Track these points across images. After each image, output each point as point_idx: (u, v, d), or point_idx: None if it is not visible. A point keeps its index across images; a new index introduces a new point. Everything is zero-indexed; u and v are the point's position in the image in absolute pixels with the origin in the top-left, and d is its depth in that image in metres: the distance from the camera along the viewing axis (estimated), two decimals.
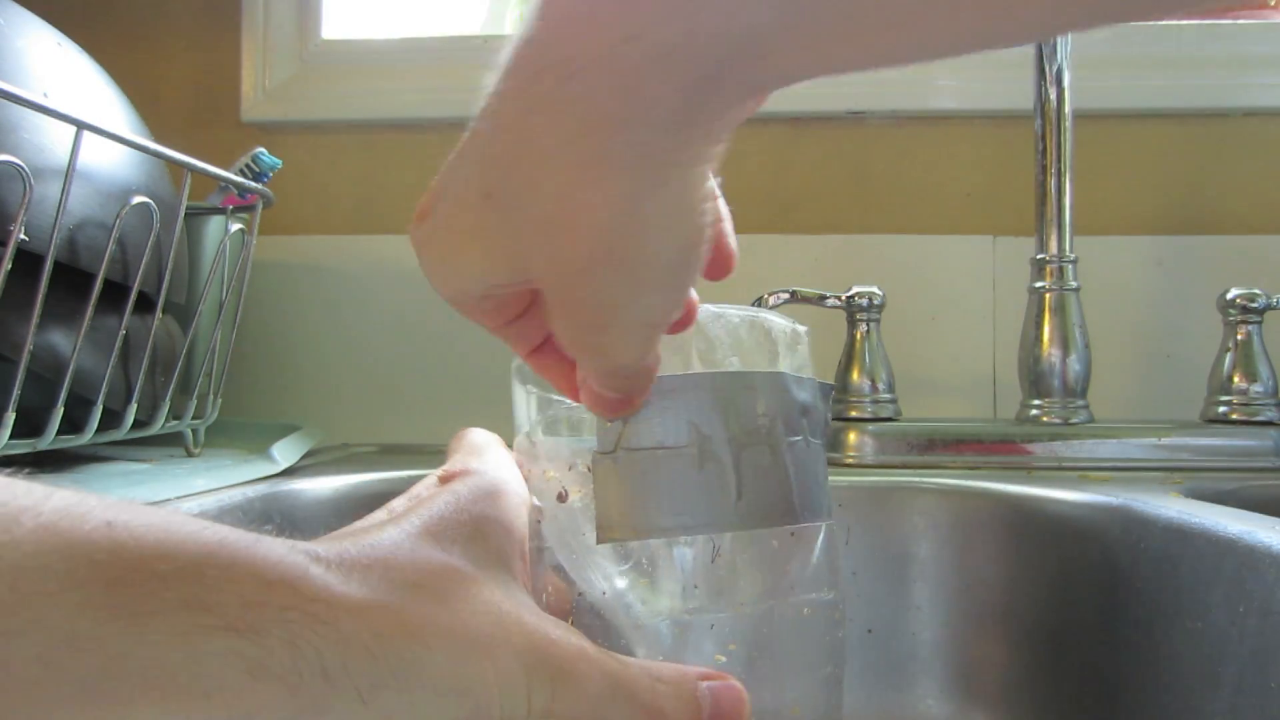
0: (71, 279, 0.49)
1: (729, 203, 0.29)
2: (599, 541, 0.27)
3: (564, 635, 0.22)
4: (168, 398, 0.59)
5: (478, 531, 0.24)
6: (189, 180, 0.55)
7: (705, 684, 0.24)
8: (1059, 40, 0.61)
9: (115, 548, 0.17)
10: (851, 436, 0.65)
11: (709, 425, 0.27)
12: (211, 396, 0.64)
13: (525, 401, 0.30)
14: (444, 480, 0.26)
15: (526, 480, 0.29)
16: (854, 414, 0.66)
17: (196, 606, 0.18)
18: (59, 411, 0.48)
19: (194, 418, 0.63)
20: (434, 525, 0.23)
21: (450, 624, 0.20)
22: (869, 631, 0.54)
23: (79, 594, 0.17)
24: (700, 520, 0.27)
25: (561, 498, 0.28)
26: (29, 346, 0.45)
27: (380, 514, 0.25)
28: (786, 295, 0.66)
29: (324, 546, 0.21)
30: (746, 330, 0.30)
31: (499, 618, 0.21)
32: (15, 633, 0.16)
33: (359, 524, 0.24)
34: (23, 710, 0.16)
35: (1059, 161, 0.63)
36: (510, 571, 0.24)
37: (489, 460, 0.27)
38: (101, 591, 0.17)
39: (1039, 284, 0.65)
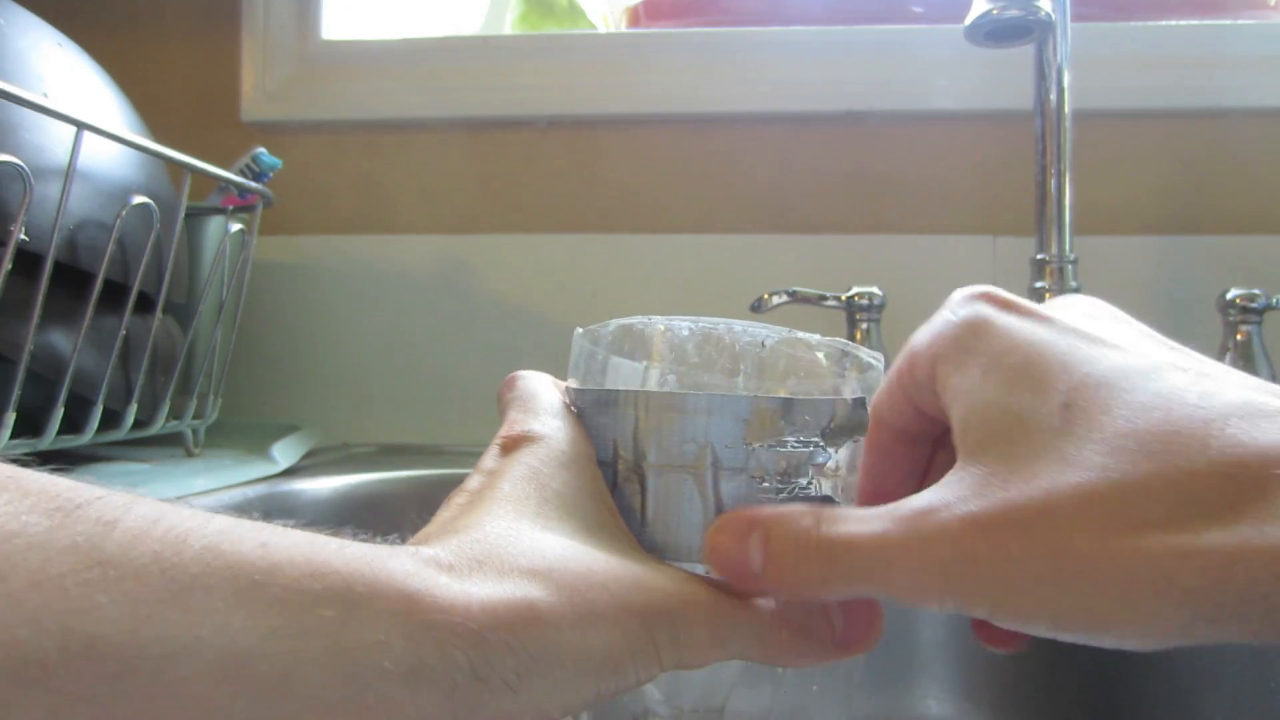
0: (71, 279, 0.49)
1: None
2: None
3: (673, 584, 0.23)
4: (168, 398, 0.59)
5: (567, 504, 0.24)
6: (189, 180, 0.55)
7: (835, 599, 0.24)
8: (1059, 40, 0.62)
9: (272, 568, 0.18)
10: None
11: (625, 445, 0.26)
12: (211, 396, 0.64)
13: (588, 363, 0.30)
14: (507, 448, 0.26)
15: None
16: None
17: (351, 623, 0.18)
18: (59, 411, 0.48)
19: (194, 418, 0.63)
20: (528, 510, 0.24)
21: (576, 604, 0.21)
22: None
23: (244, 612, 0.17)
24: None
25: None
26: (29, 346, 0.45)
27: (461, 497, 0.25)
28: (786, 295, 0.66)
29: (441, 549, 0.21)
30: (822, 357, 0.28)
31: (613, 586, 0.22)
32: (188, 651, 0.17)
33: (450, 512, 0.24)
34: (199, 716, 0.17)
35: (1059, 161, 0.63)
36: (608, 533, 0.24)
37: (545, 419, 0.27)
38: (264, 610, 0.18)
39: (1039, 284, 0.65)
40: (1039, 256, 0.65)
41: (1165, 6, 0.82)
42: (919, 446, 0.28)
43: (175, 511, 0.18)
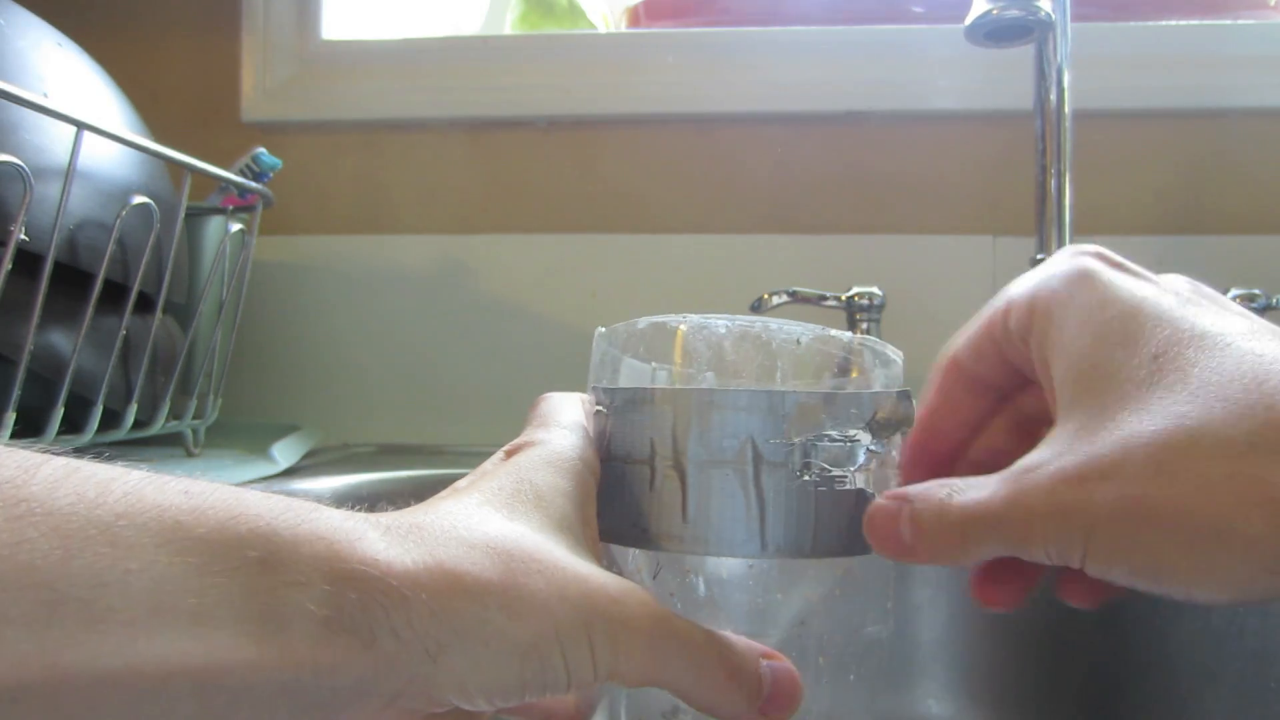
0: (71, 279, 0.49)
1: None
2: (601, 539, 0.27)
3: (626, 593, 0.22)
4: (168, 398, 0.59)
5: (539, 498, 0.24)
6: (189, 180, 0.55)
7: (766, 663, 0.24)
8: (1059, 40, 0.62)
9: (196, 510, 0.19)
10: None
11: (664, 443, 0.26)
12: (211, 396, 0.64)
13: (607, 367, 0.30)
14: (509, 454, 0.26)
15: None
16: None
17: (274, 564, 0.19)
18: (59, 411, 0.48)
19: (194, 418, 0.63)
20: (494, 495, 0.24)
21: (506, 584, 0.21)
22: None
23: (170, 549, 0.18)
24: (653, 536, 0.27)
25: None
26: (29, 346, 0.45)
27: (444, 491, 0.25)
28: (786, 295, 0.66)
29: (383, 516, 0.21)
30: (817, 348, 0.28)
31: (558, 577, 0.21)
32: (118, 584, 0.17)
33: (423, 503, 0.24)
34: (129, 645, 0.17)
35: (1059, 161, 0.63)
36: (573, 534, 0.24)
37: (554, 430, 0.27)
38: (189, 549, 0.18)
39: None
40: (1039, 256, 0.65)
41: (1165, 6, 0.82)
42: (985, 398, 0.29)
43: (94, 464, 0.19)
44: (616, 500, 0.27)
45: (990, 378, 0.28)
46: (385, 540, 0.20)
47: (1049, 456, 0.22)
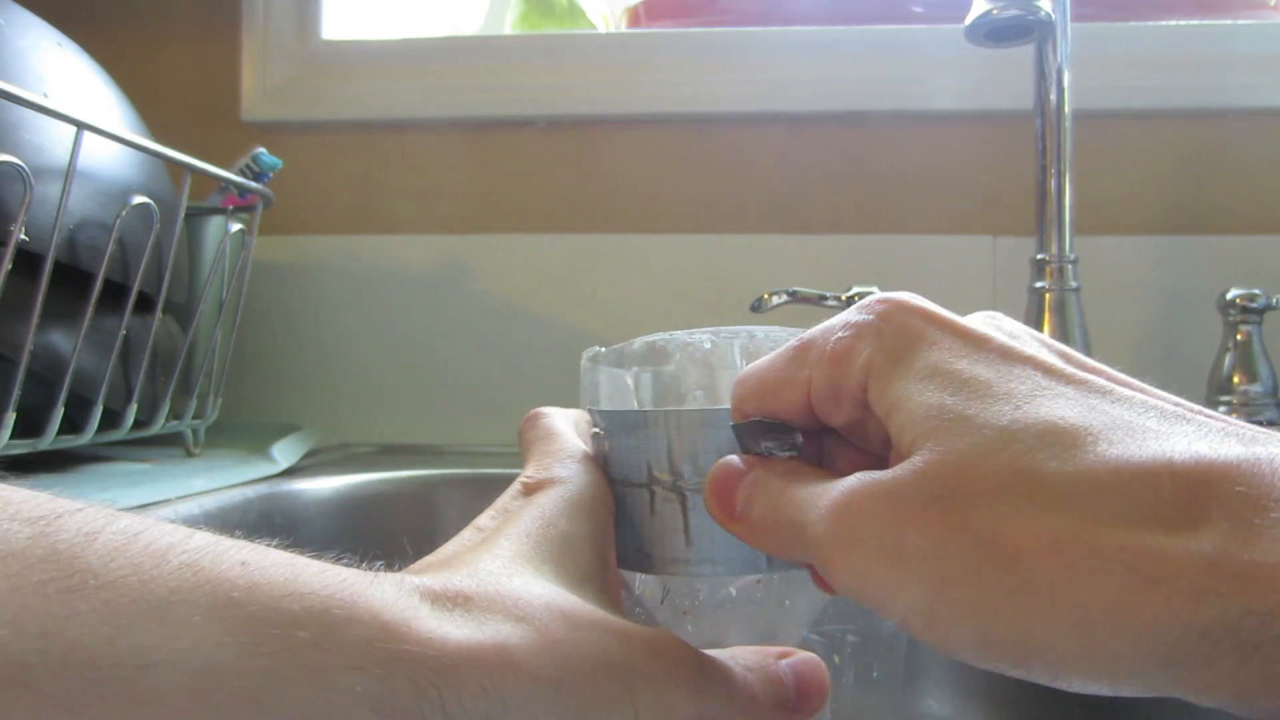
0: (71, 279, 0.49)
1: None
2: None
3: (658, 642, 0.23)
4: (168, 398, 0.59)
5: (567, 549, 0.24)
6: (189, 180, 0.55)
7: (784, 662, 0.25)
8: (1059, 40, 0.62)
9: (251, 586, 0.18)
10: None
11: (660, 466, 0.26)
12: (211, 396, 0.64)
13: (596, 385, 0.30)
14: (529, 490, 0.27)
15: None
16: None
17: (327, 646, 0.18)
18: (59, 411, 0.48)
19: (194, 418, 0.63)
20: (526, 548, 0.24)
21: (553, 654, 0.21)
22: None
23: (221, 628, 0.17)
24: (656, 561, 0.27)
25: None
26: (29, 346, 0.45)
27: (469, 533, 0.25)
28: (786, 295, 0.66)
29: (432, 579, 0.21)
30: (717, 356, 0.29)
31: (598, 639, 0.22)
32: (164, 663, 0.17)
33: (454, 546, 0.25)
34: None
35: (1059, 161, 0.63)
36: (601, 585, 0.25)
37: (569, 464, 0.27)
38: (240, 627, 0.18)
39: (1039, 284, 0.65)
40: (1039, 256, 0.65)
41: (1165, 6, 0.82)
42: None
43: (156, 526, 0.19)
44: (619, 525, 0.27)
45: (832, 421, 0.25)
46: (437, 618, 0.20)
47: (894, 479, 0.20)
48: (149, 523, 0.18)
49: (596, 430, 0.28)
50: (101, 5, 0.89)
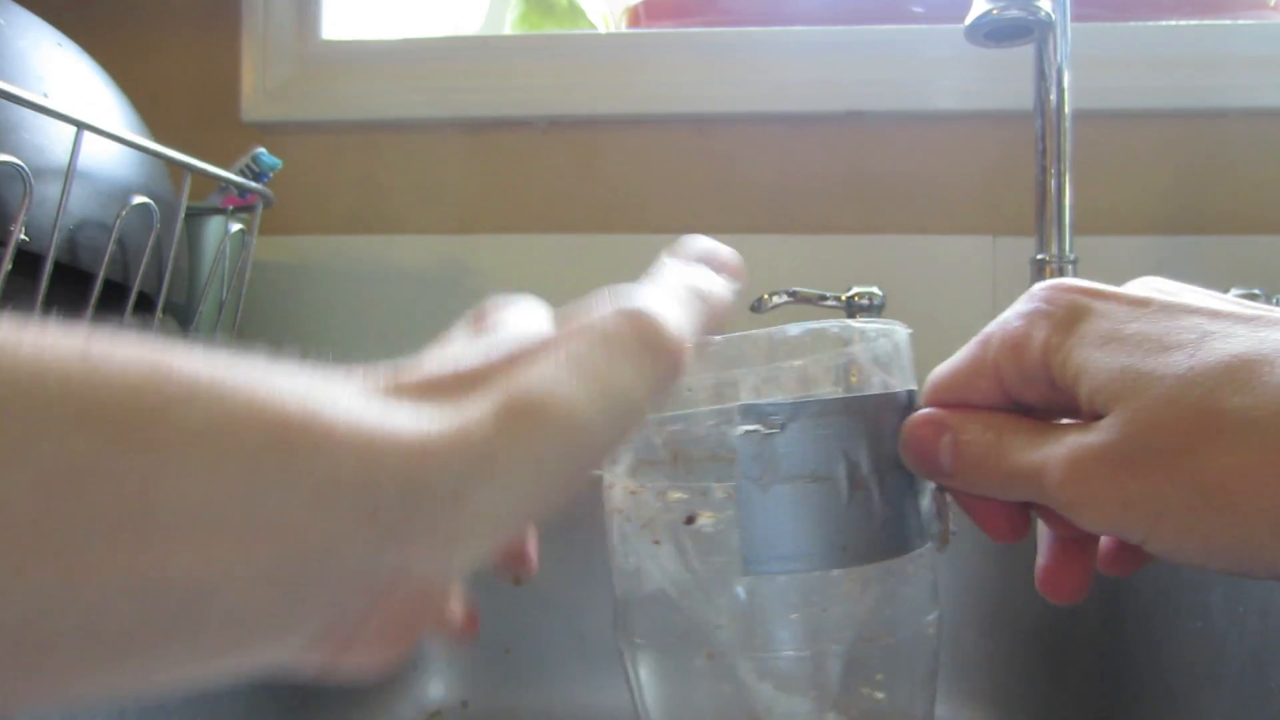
0: (71, 279, 0.49)
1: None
2: (745, 574, 0.26)
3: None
4: None
5: (500, 325, 0.23)
6: (189, 180, 0.55)
7: None
8: (1059, 40, 0.61)
9: (116, 373, 0.14)
10: None
11: (857, 451, 0.26)
12: None
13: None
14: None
15: (631, 495, 0.27)
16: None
17: (227, 430, 0.15)
18: None
19: None
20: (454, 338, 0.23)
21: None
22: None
23: (79, 425, 0.14)
24: (854, 554, 0.26)
25: (690, 520, 0.27)
26: None
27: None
28: (786, 295, 0.66)
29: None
30: (892, 346, 0.29)
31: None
32: (8, 465, 0.13)
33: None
34: (33, 555, 0.13)
35: (1059, 161, 0.63)
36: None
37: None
38: (112, 421, 0.14)
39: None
40: (1039, 256, 0.65)
41: (1165, 6, 0.82)
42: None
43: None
44: (794, 523, 0.26)
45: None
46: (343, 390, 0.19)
47: (1107, 440, 0.23)
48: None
49: (754, 428, 0.26)
50: (101, 5, 0.89)
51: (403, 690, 0.59)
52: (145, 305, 0.56)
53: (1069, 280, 0.26)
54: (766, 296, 0.67)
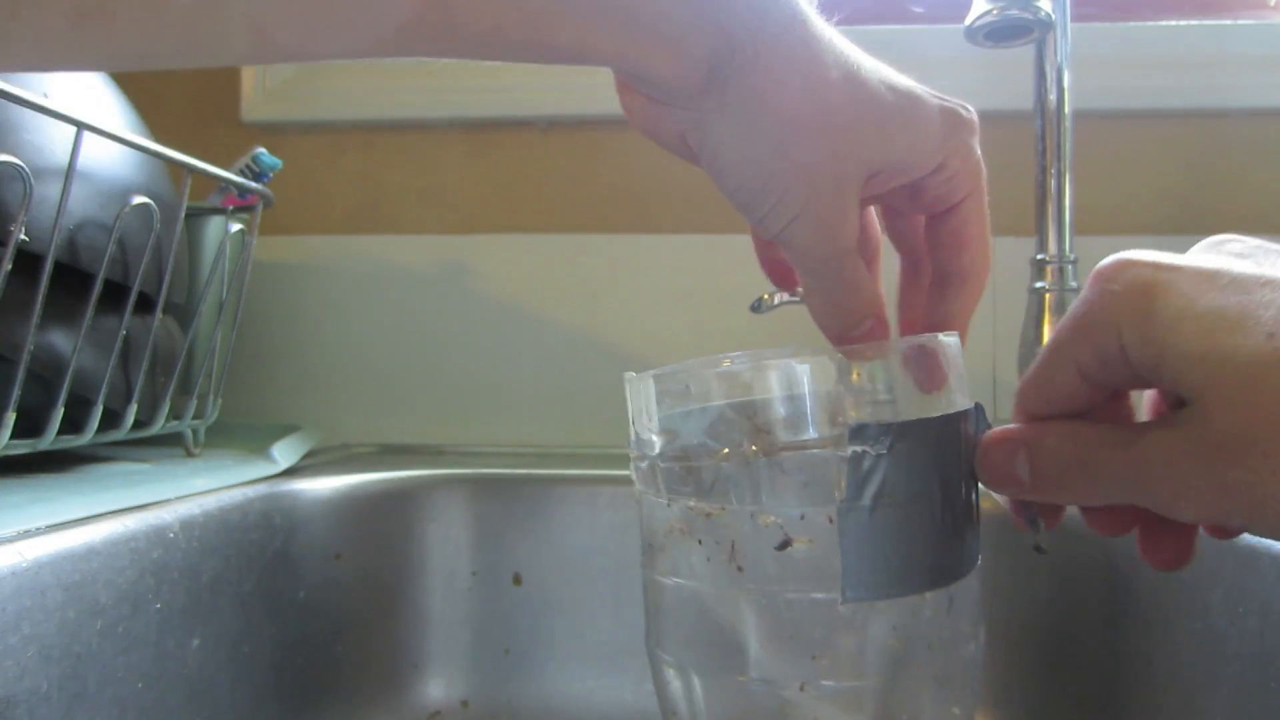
0: (71, 279, 0.49)
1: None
2: (847, 601, 0.25)
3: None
4: (168, 398, 0.59)
5: None
6: (189, 180, 0.55)
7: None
8: (1059, 40, 0.61)
9: None
10: None
11: (948, 470, 0.26)
12: (212, 396, 0.64)
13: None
14: None
15: (707, 519, 0.26)
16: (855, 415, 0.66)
17: None
18: (59, 411, 0.48)
19: (194, 418, 0.63)
20: None
21: None
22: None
23: None
24: (944, 573, 0.26)
25: (784, 545, 0.26)
26: (29, 346, 0.45)
27: None
28: (788, 295, 0.66)
29: None
30: (958, 353, 0.29)
31: None
32: None
33: None
34: (479, 43, 0.23)
35: (1059, 161, 0.63)
36: None
37: None
38: None
39: (1039, 284, 0.65)
40: (1039, 256, 0.65)
41: (1165, 6, 0.82)
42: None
43: None
44: (896, 547, 0.25)
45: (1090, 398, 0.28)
46: None
47: (1197, 432, 0.23)
48: None
49: (862, 449, 0.25)
50: None
51: (403, 690, 0.59)
52: (145, 305, 0.56)
53: (1134, 255, 0.25)
54: (767, 296, 0.66)
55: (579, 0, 0.24)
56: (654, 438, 0.28)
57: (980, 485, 0.28)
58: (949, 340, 0.28)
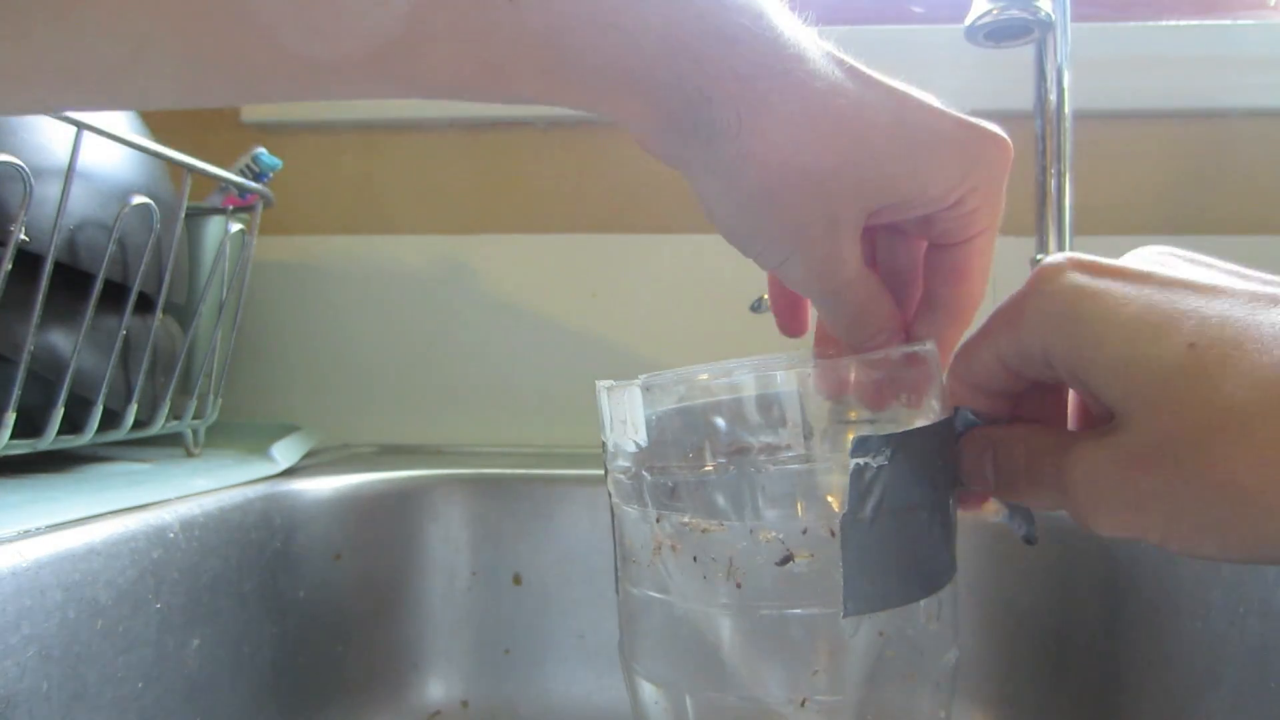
0: (71, 279, 0.49)
1: None
2: (850, 614, 0.25)
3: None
4: (168, 398, 0.59)
5: None
6: (189, 180, 0.55)
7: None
8: (1059, 40, 0.61)
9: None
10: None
11: (939, 476, 0.26)
12: (211, 396, 0.64)
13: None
14: None
15: (703, 534, 0.26)
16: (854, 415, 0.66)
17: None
18: (59, 411, 0.48)
19: (194, 418, 0.63)
20: None
21: None
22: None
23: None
24: (934, 581, 0.26)
25: (785, 561, 0.25)
26: (29, 346, 0.45)
27: None
28: None
29: None
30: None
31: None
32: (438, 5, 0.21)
33: None
34: (444, 90, 0.23)
35: (1059, 161, 0.63)
36: None
37: None
38: None
39: None
40: (1039, 256, 0.65)
41: (1165, 6, 0.82)
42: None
43: None
44: (894, 556, 0.25)
45: (1006, 389, 0.29)
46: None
47: (1113, 441, 0.23)
48: None
49: (864, 461, 0.25)
50: None
51: (403, 690, 0.59)
52: (145, 305, 0.56)
53: (1066, 256, 0.26)
54: (766, 297, 0.67)
55: (543, 54, 0.23)
56: (640, 449, 0.27)
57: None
58: (930, 349, 0.28)
